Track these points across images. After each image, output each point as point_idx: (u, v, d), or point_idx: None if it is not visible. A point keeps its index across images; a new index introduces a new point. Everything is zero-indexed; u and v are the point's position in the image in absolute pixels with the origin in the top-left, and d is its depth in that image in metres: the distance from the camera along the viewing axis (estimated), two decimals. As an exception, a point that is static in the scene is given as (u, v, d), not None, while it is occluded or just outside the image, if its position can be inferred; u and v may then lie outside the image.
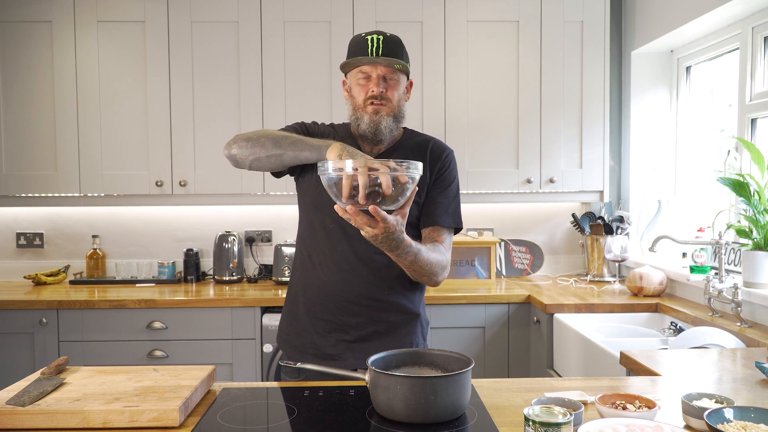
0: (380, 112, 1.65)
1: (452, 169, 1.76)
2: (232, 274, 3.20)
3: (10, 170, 3.04)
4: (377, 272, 1.66)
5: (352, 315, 1.66)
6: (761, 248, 2.25)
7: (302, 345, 1.71)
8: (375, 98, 1.65)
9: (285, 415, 1.31)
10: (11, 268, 3.36)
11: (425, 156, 1.72)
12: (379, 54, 1.63)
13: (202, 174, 3.06)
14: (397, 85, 1.68)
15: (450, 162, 1.75)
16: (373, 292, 1.66)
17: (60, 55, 3.01)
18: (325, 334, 1.68)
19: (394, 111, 1.67)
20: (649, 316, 2.64)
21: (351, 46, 1.70)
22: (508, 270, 3.42)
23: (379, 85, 1.65)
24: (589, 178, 3.14)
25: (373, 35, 1.65)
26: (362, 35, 1.67)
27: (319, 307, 1.69)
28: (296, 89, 3.05)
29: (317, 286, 1.69)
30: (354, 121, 1.70)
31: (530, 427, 1.04)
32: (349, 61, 1.67)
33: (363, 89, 1.67)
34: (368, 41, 1.65)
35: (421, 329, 1.76)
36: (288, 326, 1.77)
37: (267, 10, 3.02)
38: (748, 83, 2.57)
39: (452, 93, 3.08)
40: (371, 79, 1.66)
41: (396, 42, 1.67)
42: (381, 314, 1.67)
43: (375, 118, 1.65)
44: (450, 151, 1.77)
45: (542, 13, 3.08)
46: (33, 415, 1.21)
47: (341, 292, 1.66)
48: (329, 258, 1.68)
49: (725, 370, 1.63)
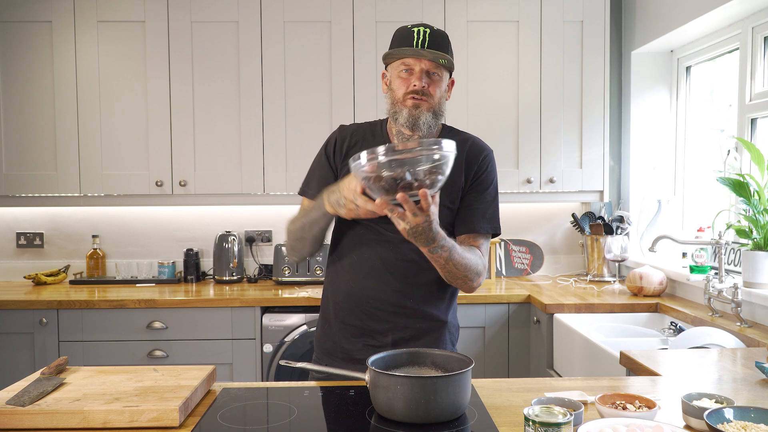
0: (420, 107, 1.58)
1: (490, 171, 1.69)
2: (232, 274, 3.20)
3: (10, 170, 3.04)
4: (404, 279, 1.63)
5: (378, 321, 1.64)
6: (761, 248, 2.25)
7: (332, 348, 1.70)
8: (416, 93, 1.57)
9: (285, 415, 1.31)
10: (11, 268, 3.36)
11: (462, 157, 1.64)
12: (425, 47, 1.56)
13: (202, 174, 3.06)
14: (440, 82, 1.61)
15: (488, 163, 1.68)
16: (400, 299, 1.63)
17: (60, 55, 3.01)
18: (353, 338, 1.66)
19: (434, 107, 1.60)
20: (649, 316, 2.64)
21: (395, 37, 1.62)
22: (508, 270, 3.42)
23: (422, 80, 1.57)
24: (589, 178, 3.14)
25: (420, 27, 1.58)
26: (408, 26, 1.60)
27: (347, 312, 1.67)
28: (296, 89, 3.05)
29: (345, 292, 1.67)
30: (392, 115, 1.63)
31: (530, 427, 1.04)
32: (392, 52, 1.59)
33: (404, 83, 1.59)
34: (414, 33, 1.57)
35: (450, 336, 1.71)
36: (321, 329, 1.75)
37: (267, 10, 3.02)
38: (748, 83, 2.57)
39: (452, 93, 3.08)
40: (414, 73, 1.58)
41: (443, 36, 1.60)
42: (407, 321, 1.64)
43: (414, 113, 1.58)
44: (489, 152, 1.70)
45: (542, 13, 3.08)
46: (33, 415, 1.21)
47: (368, 298, 1.64)
48: (357, 264, 1.65)
49: (725, 370, 1.63)
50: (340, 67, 3.04)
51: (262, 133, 3.05)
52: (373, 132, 1.72)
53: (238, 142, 3.06)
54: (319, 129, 3.04)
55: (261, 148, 3.06)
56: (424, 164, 1.30)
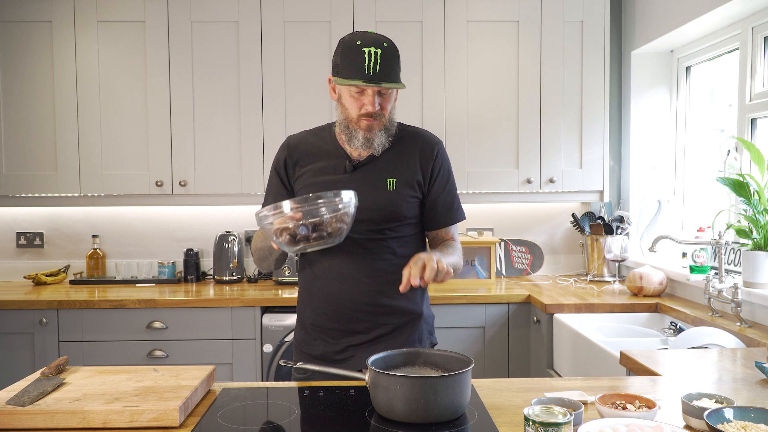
0: (373, 128, 1.62)
1: (445, 164, 1.75)
2: (232, 274, 3.20)
3: (10, 170, 3.04)
4: (377, 278, 1.67)
5: (358, 321, 1.68)
6: (761, 248, 2.25)
7: (312, 352, 1.73)
8: (370, 115, 1.60)
9: (285, 415, 1.31)
10: (11, 268, 3.36)
11: (416, 155, 1.71)
12: (377, 71, 1.54)
13: (202, 174, 3.06)
14: (390, 98, 1.64)
15: (443, 157, 1.75)
16: (375, 298, 1.67)
17: (60, 55, 3.01)
18: (334, 341, 1.70)
19: (386, 124, 1.65)
20: (649, 316, 2.64)
21: (344, 55, 1.58)
22: (508, 270, 3.42)
23: (374, 104, 1.59)
24: (589, 178, 3.14)
25: (371, 48, 1.54)
26: (358, 44, 1.56)
27: (326, 318, 1.70)
28: (296, 89, 3.05)
29: (321, 298, 1.70)
30: (345, 131, 1.65)
31: (530, 427, 1.04)
32: (342, 80, 1.57)
33: (356, 103, 1.60)
34: (365, 55, 1.54)
35: (426, 325, 1.78)
36: (299, 335, 1.79)
37: (267, 10, 3.02)
38: (748, 83, 2.57)
39: (452, 93, 3.08)
40: (366, 94, 1.59)
41: (393, 55, 1.58)
42: (385, 318, 1.69)
43: (369, 135, 1.62)
44: (440, 145, 1.75)
45: (542, 13, 3.08)
46: (33, 415, 1.21)
47: (345, 301, 1.67)
48: (329, 269, 1.68)
49: (725, 370, 1.63)
50: (340, 67, 3.04)
51: (262, 133, 3.05)
52: (322, 139, 1.74)
53: (238, 142, 3.06)
54: (319, 129, 3.03)
55: (261, 148, 3.06)
56: (325, 216, 1.43)
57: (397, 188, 1.66)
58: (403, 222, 1.69)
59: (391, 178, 1.67)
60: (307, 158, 1.72)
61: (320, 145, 1.73)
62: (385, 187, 1.66)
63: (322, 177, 1.68)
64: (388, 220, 1.66)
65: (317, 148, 1.73)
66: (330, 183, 1.66)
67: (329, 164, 1.69)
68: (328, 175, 1.68)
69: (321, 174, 1.69)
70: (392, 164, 1.69)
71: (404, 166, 1.69)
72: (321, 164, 1.70)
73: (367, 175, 1.67)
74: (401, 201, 1.66)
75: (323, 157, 1.71)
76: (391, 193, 1.66)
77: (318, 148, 1.72)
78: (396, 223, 1.67)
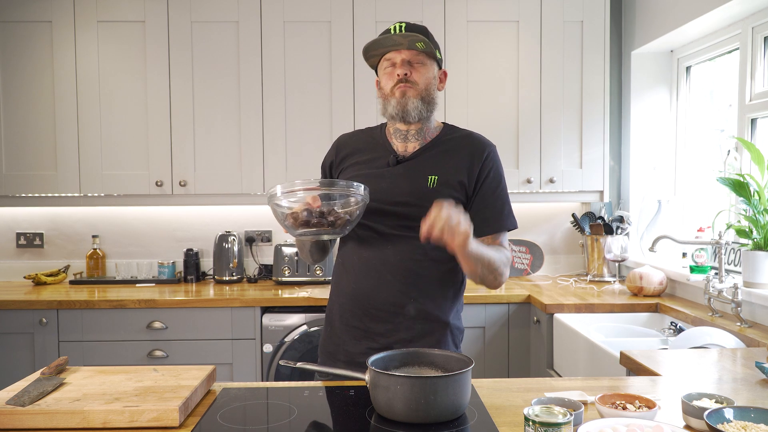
0: (407, 93, 1.60)
1: (497, 168, 1.68)
2: (232, 274, 3.20)
3: (10, 170, 3.04)
4: (405, 279, 1.60)
5: (379, 322, 1.61)
6: (761, 248, 2.25)
7: (334, 351, 1.68)
8: (401, 81, 1.60)
9: (285, 415, 1.31)
10: (11, 268, 3.36)
11: (464, 156, 1.65)
12: (402, 33, 1.58)
13: (202, 174, 3.06)
14: (423, 68, 1.62)
15: (493, 161, 1.67)
16: (400, 299, 1.60)
17: (60, 55, 3.01)
18: (356, 341, 1.64)
19: (421, 94, 1.61)
20: (649, 316, 2.64)
21: (376, 39, 1.64)
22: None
23: (404, 67, 1.60)
24: (589, 178, 3.14)
25: (397, 24, 1.62)
26: (386, 27, 1.65)
27: (350, 315, 1.65)
28: (296, 89, 3.05)
29: (348, 293, 1.66)
30: (384, 110, 1.65)
31: (530, 427, 1.04)
32: (370, 44, 1.62)
33: (390, 77, 1.62)
34: (391, 29, 1.61)
35: (452, 338, 1.68)
36: (325, 332, 1.74)
37: (267, 10, 3.02)
38: (748, 83, 2.57)
39: (452, 93, 3.08)
40: (395, 65, 1.62)
41: (419, 27, 1.63)
42: (408, 322, 1.61)
43: (402, 101, 1.60)
44: (492, 148, 1.69)
45: (542, 13, 3.08)
46: (33, 415, 1.21)
47: (369, 299, 1.62)
48: (357, 265, 1.64)
49: (725, 370, 1.63)
50: (340, 68, 3.04)
51: (262, 133, 3.05)
52: (371, 136, 1.74)
53: (238, 142, 3.06)
54: (319, 129, 3.04)
55: (261, 148, 3.06)
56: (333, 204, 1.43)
57: (437, 186, 1.61)
58: None
59: (432, 176, 1.62)
60: (354, 153, 1.71)
61: (368, 140, 1.73)
62: (424, 183, 1.62)
63: (364, 170, 1.66)
64: (422, 216, 1.57)
65: (365, 143, 1.72)
66: (370, 176, 1.63)
67: (374, 158, 1.68)
68: (369, 168, 1.66)
69: (363, 167, 1.67)
70: (437, 162, 1.64)
71: (449, 166, 1.64)
72: (366, 158, 1.69)
73: (408, 170, 1.64)
74: (440, 199, 1.58)
75: (369, 151, 1.70)
76: (430, 190, 1.61)
77: (365, 143, 1.72)
78: None
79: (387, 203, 1.61)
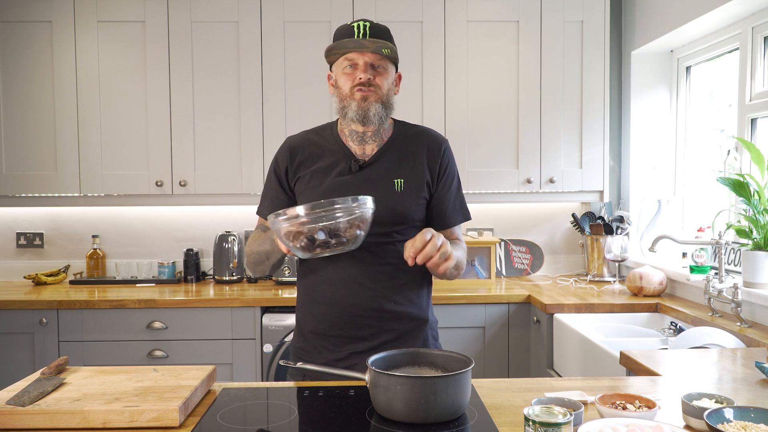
0: (368, 98, 1.57)
1: (452, 162, 1.72)
2: (232, 274, 3.20)
3: (10, 170, 3.04)
4: (383, 283, 1.62)
5: (362, 327, 1.62)
6: (761, 248, 2.25)
7: (313, 360, 1.66)
8: (363, 85, 1.57)
9: (285, 415, 1.31)
10: (11, 268, 3.36)
11: (422, 155, 1.67)
12: (366, 38, 1.55)
13: (202, 174, 3.06)
14: (386, 73, 1.60)
15: (449, 156, 1.71)
16: (380, 303, 1.61)
17: (60, 55, 3.01)
18: (336, 349, 1.63)
19: (382, 98, 1.59)
20: (649, 316, 2.64)
21: (336, 34, 1.62)
22: (508, 270, 3.42)
23: (367, 72, 1.57)
24: (589, 178, 3.14)
25: (360, 21, 1.58)
26: (348, 23, 1.60)
27: (328, 325, 1.64)
28: (296, 89, 3.05)
29: (325, 304, 1.64)
30: (341, 112, 1.62)
31: (530, 427, 1.04)
32: (334, 45, 1.58)
33: (350, 77, 1.59)
34: (354, 28, 1.57)
35: (431, 331, 1.72)
36: (298, 342, 1.73)
37: (267, 10, 3.02)
38: (748, 83, 2.57)
39: (452, 93, 3.08)
40: (358, 66, 1.58)
41: (383, 29, 1.60)
42: (390, 323, 1.63)
43: (363, 105, 1.57)
44: (446, 144, 1.72)
45: (542, 13, 3.08)
46: (33, 415, 1.21)
47: (350, 307, 1.61)
48: (333, 275, 1.63)
49: (725, 370, 1.63)
50: (340, 67, 3.04)
51: (262, 133, 3.05)
52: (324, 137, 1.70)
53: (238, 142, 3.06)
54: (319, 129, 3.04)
55: (261, 148, 3.06)
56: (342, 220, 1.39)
57: (404, 189, 1.62)
58: (411, 224, 1.64)
59: (398, 179, 1.62)
60: (310, 159, 1.67)
61: (322, 144, 1.68)
62: (392, 188, 1.62)
63: (327, 178, 1.63)
64: (395, 222, 1.61)
65: (319, 147, 1.68)
66: (335, 184, 1.61)
67: (333, 163, 1.64)
68: (332, 176, 1.63)
69: (325, 174, 1.64)
70: (399, 164, 1.64)
71: (411, 166, 1.65)
72: (324, 164, 1.65)
73: (373, 176, 1.62)
74: (409, 202, 1.62)
75: (326, 156, 1.66)
76: (399, 194, 1.61)
77: (320, 148, 1.68)
78: (403, 225, 1.62)
79: None
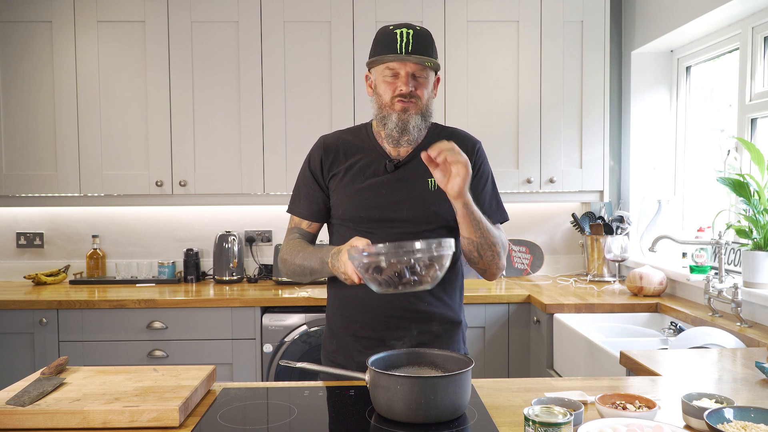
0: (409, 110, 1.57)
1: (485, 163, 1.70)
2: (232, 274, 3.20)
3: (10, 170, 3.04)
4: None
5: (395, 329, 1.60)
6: (761, 248, 2.25)
7: (344, 362, 1.65)
8: (404, 96, 1.56)
9: (285, 415, 1.31)
10: (11, 268, 3.36)
11: None
12: (409, 50, 1.53)
13: (202, 174, 3.06)
14: (427, 83, 1.59)
15: (482, 156, 1.70)
16: (415, 304, 1.60)
17: (60, 55, 3.01)
18: (367, 351, 1.59)
19: (422, 109, 1.59)
20: (649, 316, 2.64)
21: (377, 39, 1.60)
22: (508, 270, 3.42)
23: (408, 84, 1.55)
24: (589, 178, 3.14)
25: (403, 29, 1.55)
26: (390, 28, 1.57)
27: (360, 326, 1.62)
28: (296, 89, 3.05)
29: (356, 305, 1.63)
30: (380, 120, 1.61)
31: (530, 427, 1.04)
32: (375, 59, 1.58)
33: (390, 87, 1.57)
34: (397, 36, 1.54)
35: (462, 335, 1.71)
36: (329, 344, 1.71)
37: (267, 10, 3.02)
38: (748, 83, 2.57)
39: (452, 93, 3.08)
40: (399, 76, 1.56)
41: (426, 37, 1.58)
42: (425, 325, 1.61)
43: (403, 117, 1.57)
44: (479, 144, 1.71)
45: (542, 13, 3.08)
46: (33, 415, 1.21)
47: (382, 308, 1.59)
48: None
49: (725, 370, 1.63)
50: (340, 68, 3.04)
51: (262, 133, 3.05)
52: (359, 138, 1.69)
53: (238, 142, 3.06)
54: (319, 129, 3.02)
55: (261, 148, 3.06)
56: (422, 260, 1.32)
57: (439, 189, 1.59)
58: (444, 224, 1.62)
59: (432, 178, 1.59)
60: (344, 157, 1.66)
61: (357, 143, 1.68)
62: (426, 187, 1.61)
63: (362, 177, 1.62)
64: (428, 221, 1.60)
65: (354, 146, 1.67)
66: (370, 183, 1.61)
67: (368, 163, 1.64)
68: (367, 175, 1.62)
69: (360, 173, 1.63)
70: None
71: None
72: (359, 164, 1.64)
73: (408, 175, 1.62)
74: (443, 201, 1.58)
75: (361, 156, 1.65)
76: (433, 194, 1.60)
77: (355, 147, 1.67)
78: (435, 224, 1.61)
79: (391, 210, 1.60)
